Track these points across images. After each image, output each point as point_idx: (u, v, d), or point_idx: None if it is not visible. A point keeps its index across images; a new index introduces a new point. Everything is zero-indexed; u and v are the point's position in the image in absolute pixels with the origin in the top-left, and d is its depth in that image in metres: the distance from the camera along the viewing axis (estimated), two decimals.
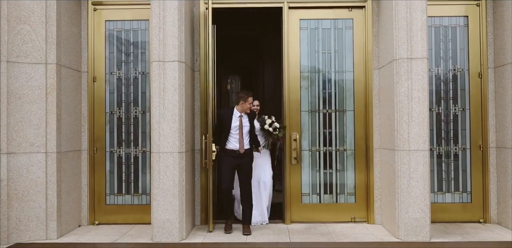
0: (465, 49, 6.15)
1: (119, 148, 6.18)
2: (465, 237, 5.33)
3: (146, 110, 6.16)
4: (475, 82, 6.11)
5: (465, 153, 6.10)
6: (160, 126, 5.27)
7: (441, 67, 6.16)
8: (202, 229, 5.83)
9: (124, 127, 6.19)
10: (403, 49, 5.30)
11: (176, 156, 5.25)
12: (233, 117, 5.67)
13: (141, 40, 6.23)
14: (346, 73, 6.20)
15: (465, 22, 6.16)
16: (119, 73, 6.21)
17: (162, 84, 5.29)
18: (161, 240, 5.22)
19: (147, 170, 6.13)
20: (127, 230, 5.79)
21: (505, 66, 5.79)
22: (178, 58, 5.31)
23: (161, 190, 5.24)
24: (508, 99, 5.70)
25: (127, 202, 6.16)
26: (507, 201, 5.74)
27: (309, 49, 6.22)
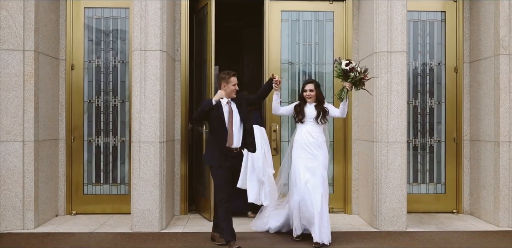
0: (442, 43, 6.28)
1: (97, 138, 6.11)
2: (439, 227, 5.48)
3: (126, 99, 6.10)
4: (451, 76, 6.26)
5: (440, 146, 6.26)
6: (141, 115, 5.23)
7: (418, 61, 6.29)
8: (182, 219, 5.84)
9: (103, 116, 6.12)
10: (383, 43, 5.39)
11: (157, 146, 5.23)
12: (219, 108, 4.61)
13: (121, 28, 6.15)
14: (326, 65, 6.26)
15: (442, 17, 6.28)
16: (98, 61, 6.13)
17: (143, 73, 5.25)
18: (141, 229, 5.20)
19: (126, 160, 6.08)
20: (106, 220, 5.76)
21: (479, 61, 5.94)
22: (160, 47, 5.27)
23: (142, 179, 5.21)
24: (482, 93, 5.86)
25: (105, 192, 6.11)
26: (479, 192, 5.93)
27: (290, 41, 6.25)
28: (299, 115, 4.92)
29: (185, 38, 6.12)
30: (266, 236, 5.01)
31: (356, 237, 5.02)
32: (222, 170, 4.59)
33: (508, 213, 5.43)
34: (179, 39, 6.11)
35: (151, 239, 4.87)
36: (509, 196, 5.42)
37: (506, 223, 5.44)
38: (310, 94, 4.93)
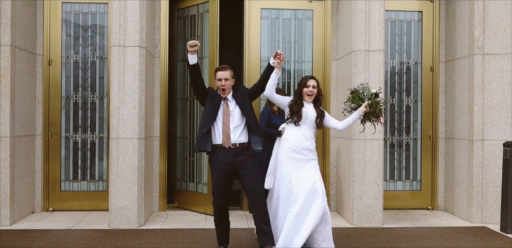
0: (418, 43, 6.39)
1: (75, 134, 6.06)
2: (414, 223, 5.59)
3: (104, 95, 6.06)
4: (427, 75, 6.37)
5: (416, 143, 6.37)
6: (120, 111, 5.21)
7: (395, 60, 6.38)
8: (160, 216, 5.84)
9: (81, 112, 6.07)
10: (361, 41, 5.45)
11: (136, 142, 5.21)
12: (220, 101, 4.19)
13: (100, 23, 6.10)
14: (305, 63, 6.30)
15: (419, 17, 6.38)
16: (76, 57, 6.07)
17: (122, 69, 5.22)
18: (119, 226, 5.18)
19: (104, 156, 6.05)
20: (83, 217, 5.72)
21: (455, 61, 6.06)
22: (139, 43, 5.26)
23: (120, 176, 5.19)
24: (457, 92, 5.98)
25: (83, 188, 6.07)
26: (453, 189, 6.05)
27: (269, 39, 6.28)
28: (295, 116, 4.25)
29: (165, 35, 6.10)
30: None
31: (333, 233, 5.06)
32: (219, 170, 4.09)
33: (480, 209, 5.56)
34: (158, 35, 6.08)
35: (129, 236, 4.86)
36: (481, 193, 5.55)
37: (478, 219, 5.57)
38: (313, 91, 4.32)
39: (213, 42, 5.92)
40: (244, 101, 4.20)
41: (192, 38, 6.13)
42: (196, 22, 6.19)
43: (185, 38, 6.23)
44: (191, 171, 6.22)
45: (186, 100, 6.25)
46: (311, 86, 4.32)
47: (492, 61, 5.55)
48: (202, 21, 6.11)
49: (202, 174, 6.07)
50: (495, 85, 5.53)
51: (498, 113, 5.52)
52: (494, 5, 5.54)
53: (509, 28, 5.51)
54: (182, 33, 6.30)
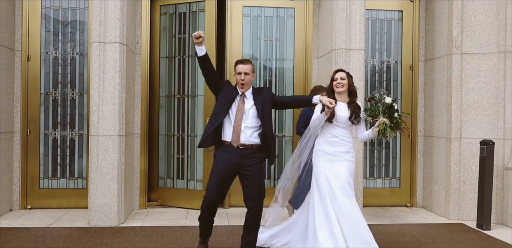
0: (398, 42, 6.46)
1: (54, 131, 5.99)
2: (393, 220, 5.66)
3: (84, 92, 6.00)
4: (407, 74, 6.44)
5: (395, 141, 6.44)
6: (100, 108, 5.17)
7: (376, 59, 6.44)
8: (141, 213, 5.81)
9: (60, 109, 6.01)
10: (342, 40, 5.49)
11: (116, 140, 5.18)
12: (235, 96, 3.97)
13: (80, 19, 6.03)
14: (286, 61, 6.33)
15: (399, 17, 6.45)
16: (56, 53, 6.00)
17: (102, 65, 5.18)
18: (99, 224, 5.15)
19: (84, 154, 6.00)
20: (62, 215, 5.66)
21: (434, 60, 6.14)
22: (119, 39, 5.22)
23: (99, 173, 5.16)
24: (436, 91, 6.07)
25: (62, 186, 6.01)
26: (431, 186, 6.15)
27: (251, 36, 6.29)
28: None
29: (146, 31, 6.07)
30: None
31: None
32: (221, 166, 3.90)
33: (457, 206, 5.66)
34: (139, 32, 6.05)
35: (108, 234, 4.83)
36: (459, 190, 5.65)
37: (455, 216, 5.66)
38: (342, 82, 4.11)
39: (210, 42, 5.96)
40: (264, 105, 3.94)
41: (183, 36, 6.13)
42: (187, 20, 6.18)
43: (172, 35, 6.20)
44: (180, 169, 6.20)
45: (173, 98, 6.22)
46: (339, 78, 4.13)
47: (470, 60, 5.64)
48: (195, 19, 6.12)
49: (195, 171, 6.09)
50: (472, 84, 5.63)
51: (475, 112, 5.61)
52: (473, 5, 5.63)
53: (486, 28, 5.60)
54: (167, 30, 6.25)
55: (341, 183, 3.94)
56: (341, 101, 4.14)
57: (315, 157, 4.14)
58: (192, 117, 6.19)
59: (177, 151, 6.23)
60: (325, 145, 4.10)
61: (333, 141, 4.07)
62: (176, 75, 6.22)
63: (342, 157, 4.06)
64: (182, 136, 6.20)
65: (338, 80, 4.14)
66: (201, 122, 6.12)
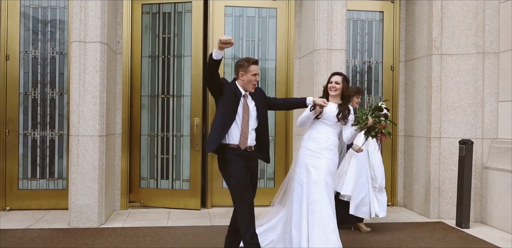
0: (379, 42, 6.51)
1: (33, 131, 5.92)
2: (374, 218, 5.66)
3: (64, 91, 5.93)
4: (388, 74, 6.51)
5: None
6: (80, 108, 5.12)
7: (357, 59, 6.49)
8: (122, 214, 5.77)
9: (40, 109, 5.93)
10: (323, 40, 5.52)
11: (96, 140, 5.13)
12: (240, 96, 3.82)
13: (60, 18, 5.96)
14: (268, 61, 6.34)
15: (380, 17, 6.51)
16: (35, 52, 5.92)
17: (82, 65, 5.13)
18: (79, 225, 5.10)
19: (64, 154, 5.93)
20: (42, 216, 5.59)
21: (414, 61, 6.21)
22: (100, 39, 5.17)
23: (80, 174, 5.11)
24: (416, 91, 6.14)
25: (42, 187, 5.93)
26: (412, 185, 6.21)
27: (233, 36, 6.27)
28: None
29: (128, 31, 6.03)
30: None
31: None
32: (242, 166, 3.77)
33: (437, 205, 5.73)
34: (120, 31, 6.00)
35: (89, 235, 4.79)
36: (438, 189, 5.72)
37: (435, 214, 5.73)
38: (336, 86, 4.18)
39: (197, 43, 6.05)
40: (263, 105, 3.92)
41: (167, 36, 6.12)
42: (172, 20, 6.17)
43: (155, 35, 6.17)
44: (165, 169, 6.18)
45: (157, 98, 6.18)
46: (334, 82, 4.20)
47: (450, 61, 5.72)
48: (181, 20, 6.13)
49: (181, 171, 6.11)
50: (452, 84, 5.70)
51: (454, 112, 5.69)
52: (452, 7, 5.70)
53: (466, 29, 5.68)
54: (150, 29, 6.21)
55: (317, 179, 3.94)
56: (333, 103, 4.19)
57: (299, 152, 4.19)
58: (177, 117, 6.17)
59: (162, 151, 6.20)
60: (308, 140, 4.13)
61: (317, 137, 4.10)
62: (160, 75, 6.19)
63: (322, 154, 4.04)
64: (167, 136, 6.17)
65: (332, 84, 4.22)
66: (187, 122, 6.12)
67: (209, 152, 3.92)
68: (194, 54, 6.12)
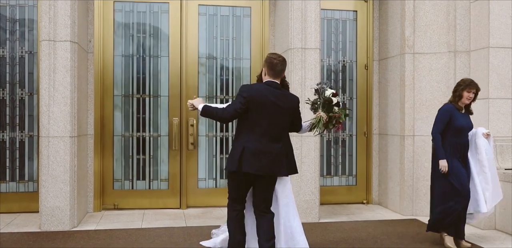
0: (353, 42, 6.55)
1: (2, 132, 5.76)
2: (350, 217, 5.73)
3: (34, 92, 5.79)
4: (362, 73, 6.54)
5: (352, 139, 6.53)
6: (50, 109, 5.00)
7: (331, 58, 6.51)
8: (95, 216, 5.66)
9: (9, 110, 5.78)
10: (297, 39, 5.51)
11: (67, 141, 5.02)
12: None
13: (29, 17, 5.82)
14: (243, 60, 6.31)
15: (354, 17, 6.54)
16: (3, 52, 5.76)
17: (52, 64, 5.01)
18: (50, 228, 4.98)
19: (35, 156, 5.79)
20: (12, 219, 5.45)
21: (387, 59, 6.26)
22: (70, 38, 5.06)
23: (51, 176, 4.99)
24: (390, 89, 6.18)
25: (11, 189, 5.78)
26: (386, 183, 6.26)
27: (207, 35, 6.24)
28: None
29: (99, 29, 5.93)
30: None
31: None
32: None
33: (411, 202, 5.78)
34: (92, 30, 5.89)
35: (60, 238, 4.68)
36: (412, 187, 5.77)
37: (409, 211, 5.79)
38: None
39: (175, 44, 6.11)
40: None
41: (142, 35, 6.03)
42: (147, 19, 6.13)
43: (130, 34, 6.08)
44: (141, 169, 6.12)
45: (131, 97, 6.09)
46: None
47: (422, 59, 5.78)
48: (158, 20, 6.13)
49: (159, 171, 6.12)
50: (424, 83, 5.76)
51: (427, 110, 5.74)
52: (424, 6, 5.76)
53: (437, 28, 5.75)
54: (123, 28, 6.09)
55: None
56: None
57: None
58: (154, 117, 6.12)
59: (138, 151, 6.11)
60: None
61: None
62: (134, 74, 6.10)
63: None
64: (143, 137, 6.09)
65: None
66: (165, 122, 6.11)
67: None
68: (172, 55, 6.12)
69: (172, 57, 6.12)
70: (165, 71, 6.12)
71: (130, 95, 6.09)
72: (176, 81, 6.13)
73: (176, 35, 6.13)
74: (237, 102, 3.54)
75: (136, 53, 6.11)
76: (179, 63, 6.15)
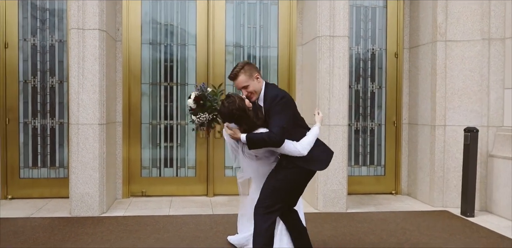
0: (383, 29, 6.41)
1: (34, 119, 5.87)
2: (378, 207, 5.66)
3: (64, 79, 5.88)
4: (392, 61, 6.41)
5: (380, 129, 6.42)
6: (79, 96, 5.06)
7: (360, 46, 6.39)
8: (124, 203, 5.74)
9: (40, 97, 5.88)
10: (325, 27, 5.42)
11: (96, 128, 5.08)
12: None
13: (59, 6, 5.88)
14: (270, 49, 6.25)
15: (384, 4, 6.39)
16: (34, 40, 5.85)
17: (81, 53, 5.06)
18: (80, 214, 5.07)
19: (65, 143, 5.89)
20: (43, 204, 5.57)
21: (418, 47, 6.11)
22: (99, 26, 5.09)
23: (80, 163, 5.07)
24: (420, 78, 6.04)
25: (43, 175, 5.91)
26: (416, 174, 6.15)
27: (234, 23, 6.20)
28: None
29: (127, 18, 5.95)
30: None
31: None
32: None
33: (442, 193, 5.66)
34: (120, 18, 5.92)
35: (90, 223, 4.76)
36: (443, 178, 5.65)
37: (440, 203, 5.68)
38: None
39: (202, 32, 6.10)
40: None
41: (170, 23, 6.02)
42: (174, 7, 6.14)
43: (157, 22, 6.10)
44: (169, 157, 6.18)
45: (159, 85, 6.13)
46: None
47: (454, 47, 5.61)
48: (185, 8, 6.13)
49: (186, 158, 6.17)
50: (457, 72, 5.60)
51: (459, 99, 5.60)
52: None
53: (471, 15, 5.57)
54: (150, 16, 6.11)
55: None
56: None
57: None
58: (182, 105, 6.15)
59: (165, 139, 6.16)
60: None
61: None
62: (162, 62, 6.13)
63: None
64: (170, 125, 6.13)
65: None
66: None
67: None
68: (199, 43, 6.13)
69: (199, 45, 6.12)
70: (192, 59, 6.13)
71: (158, 83, 6.12)
72: (203, 70, 6.13)
73: (203, 23, 6.12)
74: (286, 115, 3.27)
75: (164, 41, 6.12)
76: (206, 52, 6.14)
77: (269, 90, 3.39)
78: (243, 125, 3.28)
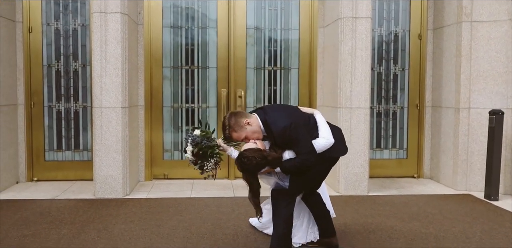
0: (406, 10, 6.28)
1: (58, 103, 5.96)
2: (400, 191, 5.63)
3: (87, 63, 5.93)
4: (415, 43, 6.29)
5: (403, 112, 6.35)
6: (102, 80, 5.10)
7: (383, 28, 6.28)
8: (146, 185, 5.82)
9: (63, 81, 5.95)
10: (348, 8, 5.33)
11: (119, 111, 5.13)
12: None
13: None
14: (292, 31, 6.20)
15: None
16: (57, 24, 5.90)
17: (103, 36, 5.09)
18: (104, 196, 5.17)
19: (88, 126, 5.97)
20: (68, 187, 5.69)
21: (443, 28, 5.98)
22: (121, 9, 5.11)
23: (104, 145, 5.14)
24: (445, 60, 5.93)
25: (67, 158, 6.01)
26: (439, 157, 6.08)
27: (255, 6, 6.14)
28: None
29: (148, 1, 5.95)
30: None
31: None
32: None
33: (465, 177, 5.60)
34: (141, 1, 5.92)
35: (113, 205, 4.84)
36: (467, 161, 5.58)
37: (463, 186, 5.61)
38: None
39: (222, 16, 6.05)
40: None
41: (191, 7, 6.01)
42: None
43: (177, 6, 6.08)
44: None
45: (180, 69, 6.14)
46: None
47: (480, 28, 5.48)
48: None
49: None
50: (482, 53, 5.48)
51: (484, 81, 5.49)
52: None
53: None
54: None
55: None
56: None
57: None
58: (203, 88, 6.17)
59: (186, 122, 6.19)
60: None
61: None
62: (183, 46, 6.13)
63: None
64: (192, 108, 6.16)
65: None
66: (213, 94, 6.17)
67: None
68: (220, 26, 6.10)
69: (220, 28, 6.10)
70: (213, 42, 6.12)
71: (179, 67, 6.13)
72: (224, 53, 6.11)
73: (223, 6, 6.08)
74: (303, 136, 3.26)
75: (185, 24, 6.11)
76: (227, 35, 6.11)
77: (271, 124, 3.29)
78: (271, 165, 3.33)
